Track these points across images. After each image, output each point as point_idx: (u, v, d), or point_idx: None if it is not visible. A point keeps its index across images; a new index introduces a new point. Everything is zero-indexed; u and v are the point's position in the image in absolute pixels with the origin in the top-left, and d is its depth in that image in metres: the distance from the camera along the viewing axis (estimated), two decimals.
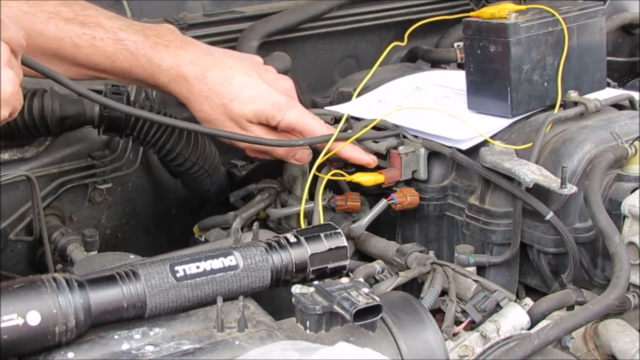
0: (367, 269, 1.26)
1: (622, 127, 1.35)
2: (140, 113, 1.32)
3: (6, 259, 1.52)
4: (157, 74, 1.34)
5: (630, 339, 1.19)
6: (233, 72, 1.36)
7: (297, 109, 1.39)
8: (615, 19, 1.82)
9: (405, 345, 1.01)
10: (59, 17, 1.30)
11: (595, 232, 1.27)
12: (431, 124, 1.42)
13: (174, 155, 1.49)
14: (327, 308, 0.98)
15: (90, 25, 1.31)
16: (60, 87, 1.44)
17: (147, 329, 0.94)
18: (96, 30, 1.31)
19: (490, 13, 1.40)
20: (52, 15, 1.29)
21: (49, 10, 1.29)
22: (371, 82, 1.64)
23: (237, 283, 0.99)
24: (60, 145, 1.55)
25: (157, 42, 1.33)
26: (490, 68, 1.40)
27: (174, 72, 1.33)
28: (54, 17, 1.29)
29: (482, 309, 1.21)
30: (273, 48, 1.70)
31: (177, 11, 1.68)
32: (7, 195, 1.48)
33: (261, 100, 1.35)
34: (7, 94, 0.97)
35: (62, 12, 1.30)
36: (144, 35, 1.33)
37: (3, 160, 1.48)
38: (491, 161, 1.30)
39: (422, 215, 1.43)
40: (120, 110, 1.30)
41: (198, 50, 1.36)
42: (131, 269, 0.95)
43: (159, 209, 1.73)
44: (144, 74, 1.34)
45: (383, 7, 1.88)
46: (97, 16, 1.32)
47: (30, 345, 0.87)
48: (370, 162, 1.40)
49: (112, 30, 1.32)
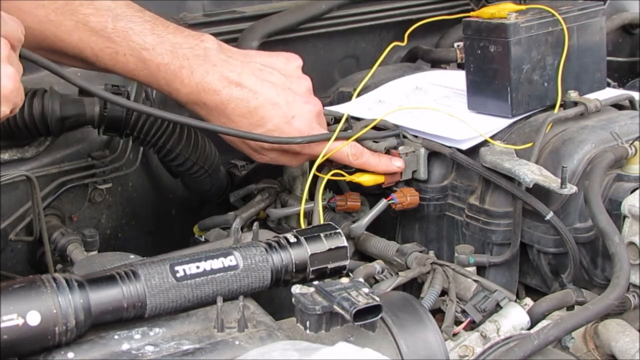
0: (367, 269, 1.27)
1: (622, 127, 1.35)
2: (145, 109, 1.32)
3: (6, 259, 1.52)
4: (175, 95, 1.31)
5: (630, 339, 1.19)
6: (258, 102, 1.31)
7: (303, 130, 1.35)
8: (615, 19, 1.82)
9: (405, 345, 1.01)
10: (86, 27, 1.26)
11: (595, 232, 1.27)
12: (431, 124, 1.42)
13: (174, 155, 1.49)
14: (327, 308, 0.98)
15: (116, 39, 1.27)
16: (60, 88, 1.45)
17: (147, 329, 0.94)
18: (120, 45, 1.27)
19: (490, 13, 1.40)
20: (79, 24, 1.26)
21: (76, 20, 1.26)
22: (371, 82, 1.64)
23: (237, 283, 0.99)
24: (60, 145, 1.55)
25: (182, 67, 1.28)
26: (490, 68, 1.40)
27: (193, 97, 1.30)
28: (80, 27, 1.26)
29: (482, 309, 1.21)
30: (273, 48, 1.69)
31: (177, 11, 1.68)
32: (7, 195, 1.48)
33: (281, 133, 1.33)
34: (7, 90, 0.96)
35: (91, 22, 1.26)
36: (172, 55, 1.28)
37: (3, 160, 1.48)
38: (491, 161, 1.30)
39: (422, 215, 1.43)
40: (123, 105, 1.29)
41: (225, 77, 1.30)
42: (131, 269, 0.95)
43: (159, 209, 1.73)
44: (163, 92, 1.32)
45: (383, 7, 1.88)
46: (127, 30, 1.27)
47: (30, 345, 0.87)
48: (396, 169, 1.38)
49: (137, 49, 1.27)
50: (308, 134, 1.35)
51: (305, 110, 1.36)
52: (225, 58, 1.32)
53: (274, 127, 1.33)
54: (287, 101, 1.34)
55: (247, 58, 1.37)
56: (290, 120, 1.33)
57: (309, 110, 1.36)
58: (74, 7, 1.26)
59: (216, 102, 1.30)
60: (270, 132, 1.32)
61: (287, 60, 1.41)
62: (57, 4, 1.25)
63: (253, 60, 1.37)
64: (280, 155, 1.38)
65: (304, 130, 1.34)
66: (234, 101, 1.30)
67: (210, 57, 1.31)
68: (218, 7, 1.74)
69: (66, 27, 1.25)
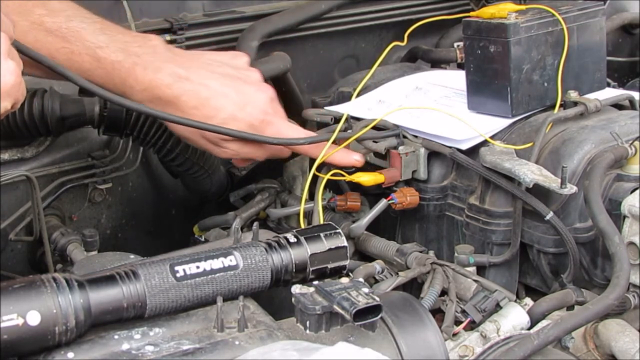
0: (367, 269, 1.27)
1: (622, 127, 1.35)
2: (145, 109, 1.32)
3: (6, 259, 1.52)
4: (130, 94, 1.32)
5: (630, 339, 1.19)
6: (209, 93, 1.33)
7: (274, 125, 1.37)
8: (615, 19, 1.82)
9: (405, 345, 1.01)
10: (41, 27, 1.27)
11: (595, 232, 1.27)
12: (431, 124, 1.42)
13: (174, 155, 1.49)
14: (327, 308, 0.98)
15: (70, 39, 1.29)
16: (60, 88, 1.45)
17: (147, 329, 0.94)
18: (75, 44, 1.29)
19: (490, 13, 1.40)
20: (34, 25, 1.27)
21: (32, 20, 1.27)
22: (371, 82, 1.64)
23: (237, 283, 0.99)
24: (60, 145, 1.55)
25: (135, 64, 1.31)
26: (490, 68, 1.40)
27: (147, 94, 1.32)
28: (35, 27, 1.27)
29: (482, 309, 1.21)
30: (273, 48, 1.70)
31: (177, 11, 1.68)
32: (7, 195, 1.48)
33: (235, 123, 1.34)
34: (8, 85, 0.96)
35: (46, 23, 1.28)
36: (124, 53, 1.31)
37: (3, 160, 1.48)
38: (491, 161, 1.30)
39: (422, 215, 1.43)
40: (123, 105, 1.29)
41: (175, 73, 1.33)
42: (131, 269, 0.95)
43: (159, 209, 1.73)
44: (118, 91, 1.32)
45: (383, 7, 1.88)
46: (80, 30, 1.30)
47: (30, 345, 0.87)
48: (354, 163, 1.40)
49: (92, 47, 1.30)
50: (263, 120, 1.36)
51: (257, 97, 1.37)
52: (172, 55, 1.36)
53: (228, 116, 1.34)
54: (238, 90, 1.36)
55: (195, 56, 1.40)
56: (244, 107, 1.35)
57: (261, 97, 1.38)
58: (28, 7, 1.28)
59: (169, 96, 1.32)
60: (225, 121, 1.33)
61: (235, 56, 1.46)
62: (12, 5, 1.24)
63: (201, 57, 1.40)
64: (242, 146, 1.38)
65: (258, 116, 1.35)
66: (185, 94, 1.32)
67: (160, 54, 1.34)
68: (218, 7, 1.74)
69: (22, 27, 1.24)
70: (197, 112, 1.32)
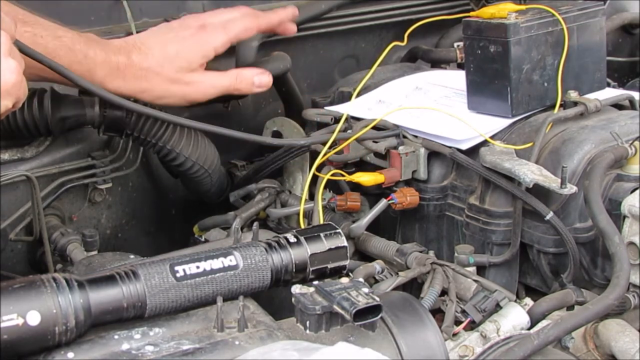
0: (367, 269, 1.27)
1: (622, 127, 1.35)
2: (145, 109, 1.32)
3: (6, 259, 1.52)
4: (94, 69, 1.35)
5: (630, 339, 1.19)
6: (150, 43, 1.41)
7: (219, 33, 1.46)
8: (615, 19, 1.82)
9: (405, 345, 1.01)
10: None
11: (595, 232, 1.27)
12: (431, 124, 1.42)
13: (174, 155, 1.49)
14: (327, 308, 0.98)
15: (30, 23, 1.31)
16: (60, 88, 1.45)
17: (147, 329, 0.94)
18: (36, 27, 1.31)
19: (490, 13, 1.40)
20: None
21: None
22: (371, 82, 1.64)
23: (237, 283, 0.99)
24: (60, 145, 1.55)
25: (90, 38, 1.37)
26: (490, 68, 1.40)
27: (106, 65, 1.36)
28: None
29: (482, 309, 1.21)
30: (273, 48, 1.70)
31: (177, 11, 1.68)
32: (7, 195, 1.48)
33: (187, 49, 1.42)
34: (9, 84, 0.96)
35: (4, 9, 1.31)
36: (78, 34, 1.36)
37: (3, 160, 1.47)
38: (491, 161, 1.30)
39: (422, 215, 1.43)
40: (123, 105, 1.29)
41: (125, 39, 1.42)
42: (131, 269, 0.95)
43: (159, 209, 1.72)
44: (82, 70, 1.34)
45: (383, 7, 1.88)
46: (36, 17, 1.33)
47: (30, 345, 0.87)
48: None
49: (51, 28, 1.33)
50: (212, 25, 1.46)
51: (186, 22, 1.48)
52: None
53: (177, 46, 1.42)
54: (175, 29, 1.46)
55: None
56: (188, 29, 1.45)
57: (192, 18, 1.50)
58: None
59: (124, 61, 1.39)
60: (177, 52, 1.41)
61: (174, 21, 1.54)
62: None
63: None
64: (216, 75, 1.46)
65: (202, 24, 1.46)
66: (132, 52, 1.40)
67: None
68: (218, 7, 1.74)
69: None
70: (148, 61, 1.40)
